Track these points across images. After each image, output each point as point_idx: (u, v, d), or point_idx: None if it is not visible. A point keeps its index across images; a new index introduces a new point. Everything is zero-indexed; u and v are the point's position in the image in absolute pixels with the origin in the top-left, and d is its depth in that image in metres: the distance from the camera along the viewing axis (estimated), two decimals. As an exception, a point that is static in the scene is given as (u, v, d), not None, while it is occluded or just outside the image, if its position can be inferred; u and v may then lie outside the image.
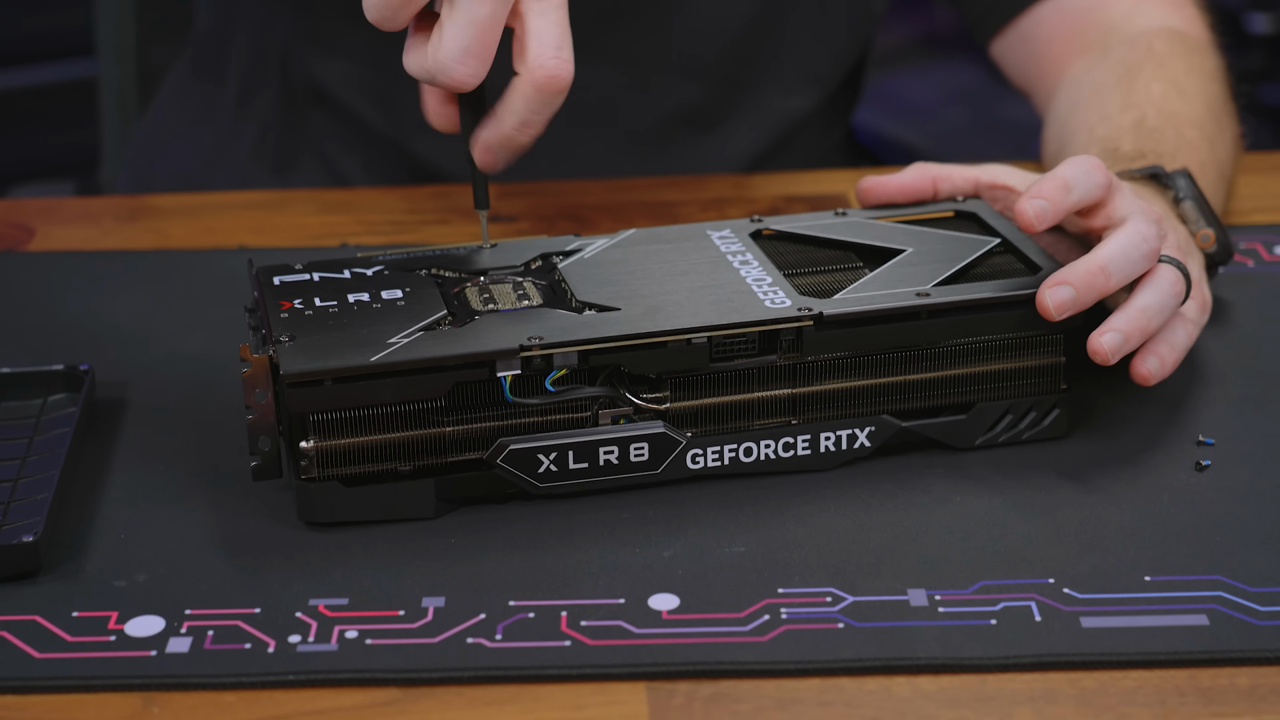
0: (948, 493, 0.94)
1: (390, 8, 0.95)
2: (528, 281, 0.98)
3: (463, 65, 0.95)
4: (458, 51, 0.95)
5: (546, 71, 0.97)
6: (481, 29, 0.95)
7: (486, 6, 0.94)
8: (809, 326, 0.93)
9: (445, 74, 0.95)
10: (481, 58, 0.95)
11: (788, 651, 0.82)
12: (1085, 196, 0.96)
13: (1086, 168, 0.96)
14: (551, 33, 0.97)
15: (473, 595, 0.86)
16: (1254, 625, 0.83)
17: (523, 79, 0.97)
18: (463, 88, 0.96)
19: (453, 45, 0.95)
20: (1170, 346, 0.96)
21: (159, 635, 0.84)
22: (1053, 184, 0.95)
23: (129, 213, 1.31)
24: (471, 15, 0.94)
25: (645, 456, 0.93)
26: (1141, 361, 0.95)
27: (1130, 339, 0.93)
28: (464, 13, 0.94)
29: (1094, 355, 0.93)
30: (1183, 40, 1.27)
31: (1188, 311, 0.99)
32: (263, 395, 0.90)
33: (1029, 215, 0.95)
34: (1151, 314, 0.94)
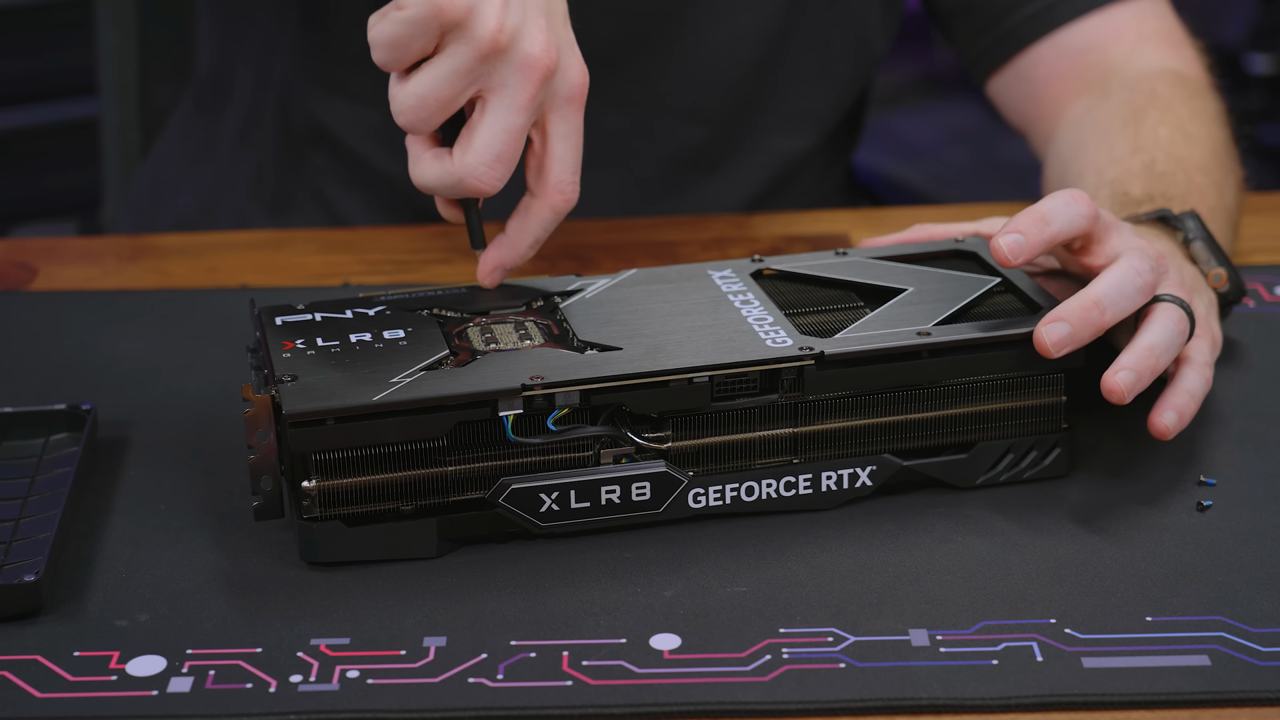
0: (949, 532, 0.94)
1: (428, 110, 0.96)
2: (529, 321, 0.98)
3: (491, 171, 0.97)
4: (489, 157, 0.96)
5: (564, 196, 1.00)
6: (513, 137, 0.96)
7: (522, 116, 0.96)
8: (810, 366, 0.93)
9: (475, 178, 0.97)
10: (508, 164, 0.97)
11: (789, 691, 0.82)
12: (1066, 228, 0.96)
13: (1067, 200, 0.96)
14: (570, 157, 1.00)
15: (474, 635, 0.86)
16: (1256, 666, 0.83)
17: (540, 201, 1.00)
18: (486, 194, 0.97)
19: (485, 151, 0.96)
20: (1189, 396, 0.96)
21: (160, 675, 0.84)
22: (1029, 218, 0.96)
23: (131, 252, 1.31)
24: (507, 124, 0.96)
25: (647, 496, 0.93)
26: (1159, 416, 0.95)
27: (1142, 376, 0.93)
28: (499, 120, 0.96)
29: (1109, 395, 0.93)
30: (1185, 83, 1.28)
31: (1199, 354, 0.99)
32: (265, 435, 0.90)
33: (1003, 250, 0.95)
34: (1159, 352, 0.94)
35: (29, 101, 2.47)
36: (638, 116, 1.37)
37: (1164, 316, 0.95)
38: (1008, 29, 1.35)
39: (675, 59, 1.36)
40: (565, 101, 0.99)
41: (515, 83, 0.96)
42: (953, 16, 1.39)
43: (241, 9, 1.43)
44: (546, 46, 0.97)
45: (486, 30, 0.94)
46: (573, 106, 0.99)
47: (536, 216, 1.00)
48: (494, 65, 0.96)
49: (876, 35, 1.41)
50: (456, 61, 0.95)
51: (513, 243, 1.01)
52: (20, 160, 2.47)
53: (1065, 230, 0.96)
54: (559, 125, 0.99)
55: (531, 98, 0.96)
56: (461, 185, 0.97)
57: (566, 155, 1.00)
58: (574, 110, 1.00)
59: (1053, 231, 0.96)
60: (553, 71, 0.97)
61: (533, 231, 1.01)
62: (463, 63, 0.95)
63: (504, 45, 0.95)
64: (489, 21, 0.94)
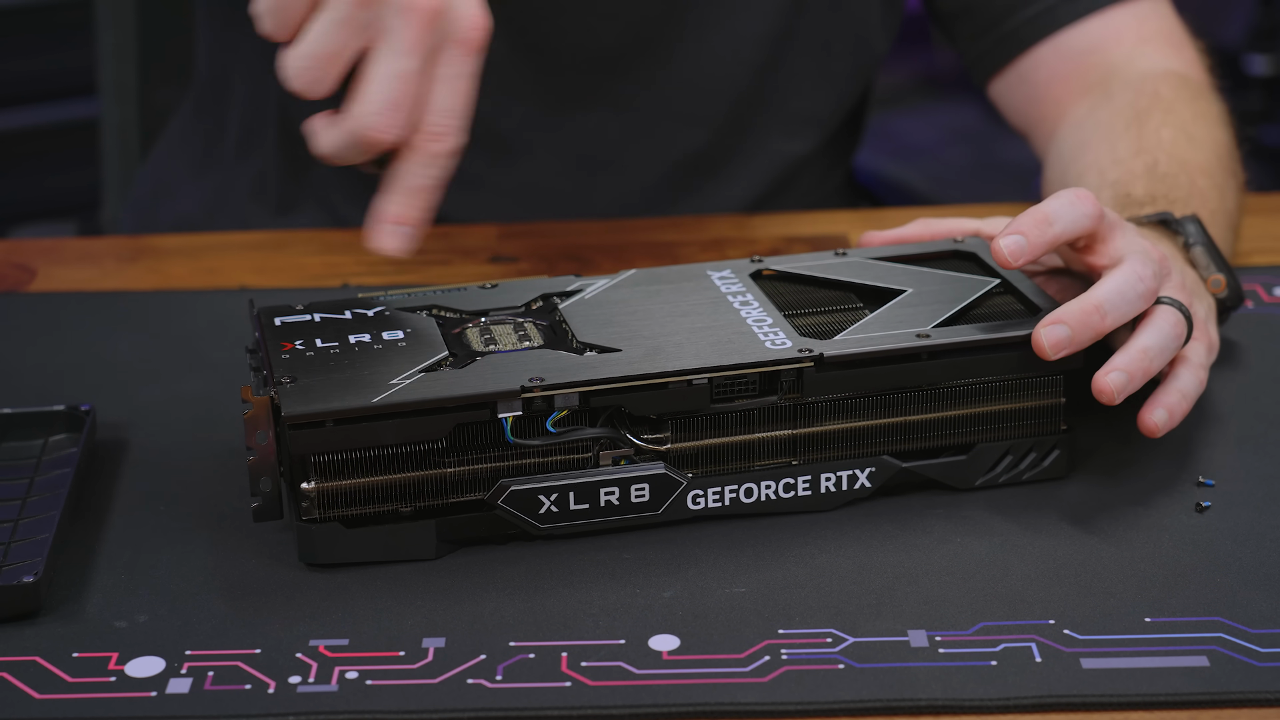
0: (948, 533, 0.94)
1: (319, 67, 0.93)
2: (528, 322, 0.98)
3: (386, 119, 0.93)
4: (381, 103, 0.93)
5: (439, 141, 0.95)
6: (405, 82, 0.93)
7: (411, 60, 0.93)
8: (809, 368, 0.93)
9: (368, 129, 0.93)
10: (405, 112, 0.93)
11: (788, 692, 0.82)
12: (1070, 229, 0.96)
13: (1072, 200, 0.96)
14: (456, 103, 0.95)
15: (473, 636, 0.86)
16: (1254, 667, 0.83)
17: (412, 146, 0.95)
18: (383, 145, 0.94)
19: (376, 98, 0.93)
20: (1181, 396, 0.96)
21: (159, 676, 0.84)
22: (1032, 219, 0.96)
23: (130, 253, 1.31)
24: (396, 69, 0.93)
25: (646, 497, 0.93)
26: (1149, 414, 0.95)
27: (1134, 378, 0.93)
28: (388, 67, 0.92)
29: (1099, 395, 0.93)
30: (1188, 85, 1.28)
31: (1195, 356, 0.99)
32: (264, 436, 0.90)
33: (1003, 251, 0.95)
34: (1153, 355, 0.94)
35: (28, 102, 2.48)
36: (638, 120, 1.37)
37: (1161, 319, 0.95)
38: (1008, 31, 1.35)
39: (675, 63, 1.36)
40: (455, 44, 0.94)
41: (399, 25, 0.92)
42: (953, 18, 1.39)
43: (236, 19, 1.43)
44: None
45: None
46: (462, 50, 0.94)
47: (410, 162, 0.95)
48: (375, 11, 0.92)
49: (877, 36, 1.41)
50: (336, 12, 0.92)
51: (389, 191, 0.95)
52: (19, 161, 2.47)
53: (1068, 231, 0.96)
54: (444, 68, 0.94)
55: (418, 40, 0.92)
56: (359, 139, 0.93)
57: (445, 98, 0.94)
58: (462, 54, 0.95)
59: (1055, 233, 0.95)
60: (440, 12, 0.93)
61: (408, 178, 0.95)
62: (341, 12, 0.92)
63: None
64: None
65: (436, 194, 0.96)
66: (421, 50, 0.93)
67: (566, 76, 1.35)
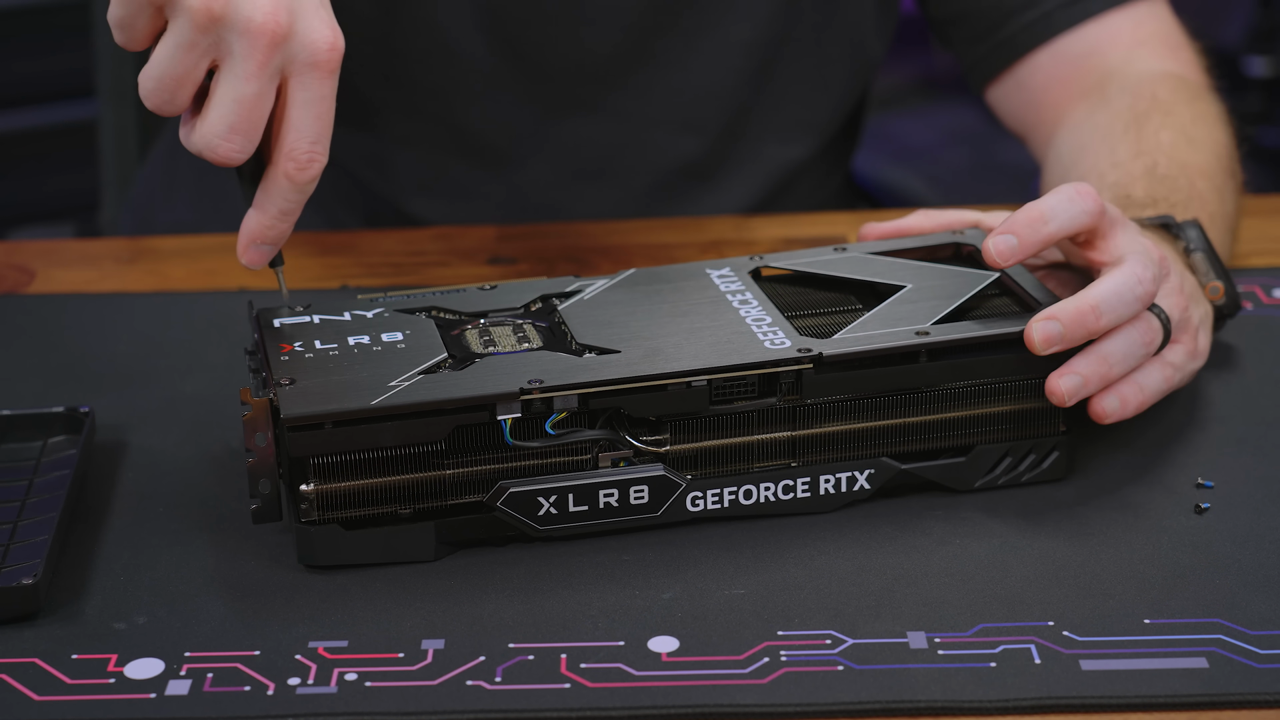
0: (947, 535, 0.94)
1: (167, 90, 0.93)
2: (527, 324, 0.98)
3: (228, 142, 0.92)
4: (223, 129, 0.92)
5: (298, 164, 0.94)
6: (246, 107, 0.92)
7: (252, 85, 0.92)
8: (809, 369, 0.93)
9: (211, 150, 0.93)
10: (247, 134, 0.93)
11: (787, 694, 0.82)
12: (1066, 226, 0.96)
13: (1071, 195, 0.96)
14: (310, 124, 0.94)
15: (472, 637, 0.86)
16: (1254, 668, 0.83)
17: (275, 169, 0.94)
18: (230, 164, 0.93)
19: (218, 123, 0.92)
20: (1138, 388, 0.96)
21: (158, 678, 0.84)
22: (1026, 216, 0.96)
23: (129, 255, 1.31)
24: (236, 94, 0.92)
25: (645, 499, 0.93)
26: (1100, 399, 0.95)
27: (1089, 383, 0.94)
28: (229, 91, 0.92)
29: (1050, 396, 0.94)
30: (1186, 87, 1.28)
31: (1171, 356, 0.99)
32: (263, 438, 0.90)
33: (992, 251, 0.95)
34: (1113, 361, 0.94)
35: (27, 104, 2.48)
36: (631, 128, 1.37)
37: (1131, 327, 0.95)
38: (1005, 38, 1.35)
39: (667, 71, 1.36)
40: (307, 67, 0.93)
41: (240, 50, 0.91)
42: (949, 24, 1.38)
43: None
44: (272, 10, 0.91)
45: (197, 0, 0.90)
46: (316, 73, 0.93)
47: (273, 186, 0.94)
48: (218, 34, 0.91)
49: (872, 41, 1.41)
50: (177, 36, 0.91)
51: (258, 209, 0.95)
52: (18, 163, 2.47)
53: (1064, 229, 0.96)
54: (299, 92, 0.93)
55: (260, 66, 0.91)
56: (204, 156, 0.93)
57: (305, 122, 0.93)
58: (317, 77, 0.93)
59: (1050, 231, 0.95)
60: (283, 36, 0.91)
61: (273, 202, 0.94)
62: (183, 36, 0.91)
63: (218, 13, 0.90)
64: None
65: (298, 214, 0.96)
66: (263, 75, 0.92)
67: (558, 86, 1.35)
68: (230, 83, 0.92)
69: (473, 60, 1.33)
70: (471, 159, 1.38)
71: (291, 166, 0.93)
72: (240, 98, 0.92)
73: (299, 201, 0.95)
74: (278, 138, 0.94)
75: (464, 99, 1.35)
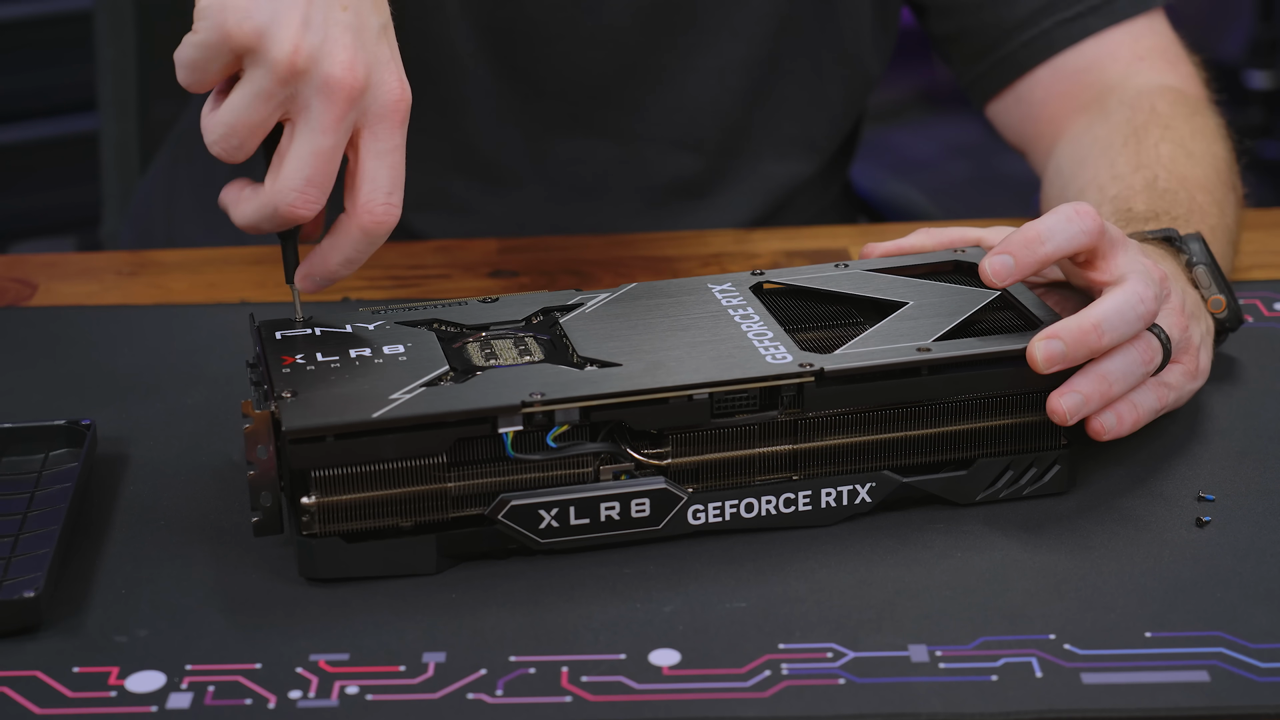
0: (949, 548, 0.94)
1: (237, 137, 0.93)
2: (529, 336, 0.98)
3: (303, 195, 0.93)
4: (299, 182, 0.93)
5: (374, 218, 0.95)
6: (323, 160, 0.93)
7: (330, 138, 0.93)
8: (810, 383, 0.93)
9: (286, 204, 0.93)
10: (322, 188, 0.94)
11: (789, 707, 0.82)
12: (1064, 246, 0.96)
13: (1069, 215, 0.96)
14: (385, 176, 0.95)
15: (474, 651, 0.86)
16: (1255, 682, 0.83)
17: (351, 220, 0.95)
18: (301, 219, 0.95)
19: (294, 176, 0.93)
20: (1132, 406, 0.96)
21: (160, 691, 0.84)
22: (1022, 237, 0.96)
23: (131, 268, 1.31)
24: (314, 147, 0.93)
25: (646, 512, 0.93)
26: (1097, 416, 0.95)
27: (1090, 401, 0.94)
28: (307, 145, 0.93)
29: (1052, 415, 0.94)
30: (1185, 100, 1.28)
31: (1169, 377, 0.99)
32: (265, 451, 0.90)
33: (988, 272, 0.95)
34: (1113, 380, 0.94)
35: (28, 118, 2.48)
36: (629, 148, 1.37)
37: (1131, 346, 0.95)
38: (1005, 55, 1.35)
39: (664, 90, 1.36)
40: (379, 119, 0.95)
41: (319, 105, 0.93)
42: (949, 42, 1.39)
43: None
44: (350, 65, 0.93)
45: (282, 53, 0.91)
46: (387, 124, 0.95)
47: (346, 236, 0.96)
48: (296, 87, 0.93)
49: (870, 59, 1.41)
50: (255, 86, 0.92)
51: (322, 259, 0.97)
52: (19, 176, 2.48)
53: (1062, 249, 0.96)
54: (372, 144, 0.95)
55: (338, 119, 0.93)
56: (277, 213, 0.94)
57: (379, 174, 0.95)
58: (389, 128, 0.95)
59: (1047, 251, 0.95)
60: (360, 90, 0.93)
61: (342, 250, 0.96)
62: (261, 87, 0.92)
63: (302, 68, 0.92)
64: (284, 44, 0.92)
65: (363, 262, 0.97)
66: (341, 128, 0.93)
67: (555, 105, 1.35)
68: (306, 136, 0.93)
69: (472, 79, 1.33)
70: (471, 177, 1.38)
71: (369, 219, 0.95)
72: (318, 150, 0.93)
73: (369, 252, 0.96)
74: (352, 190, 0.95)
75: (463, 117, 1.35)
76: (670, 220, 1.40)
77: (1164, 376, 0.98)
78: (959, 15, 1.36)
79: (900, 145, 3.68)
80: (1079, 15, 1.32)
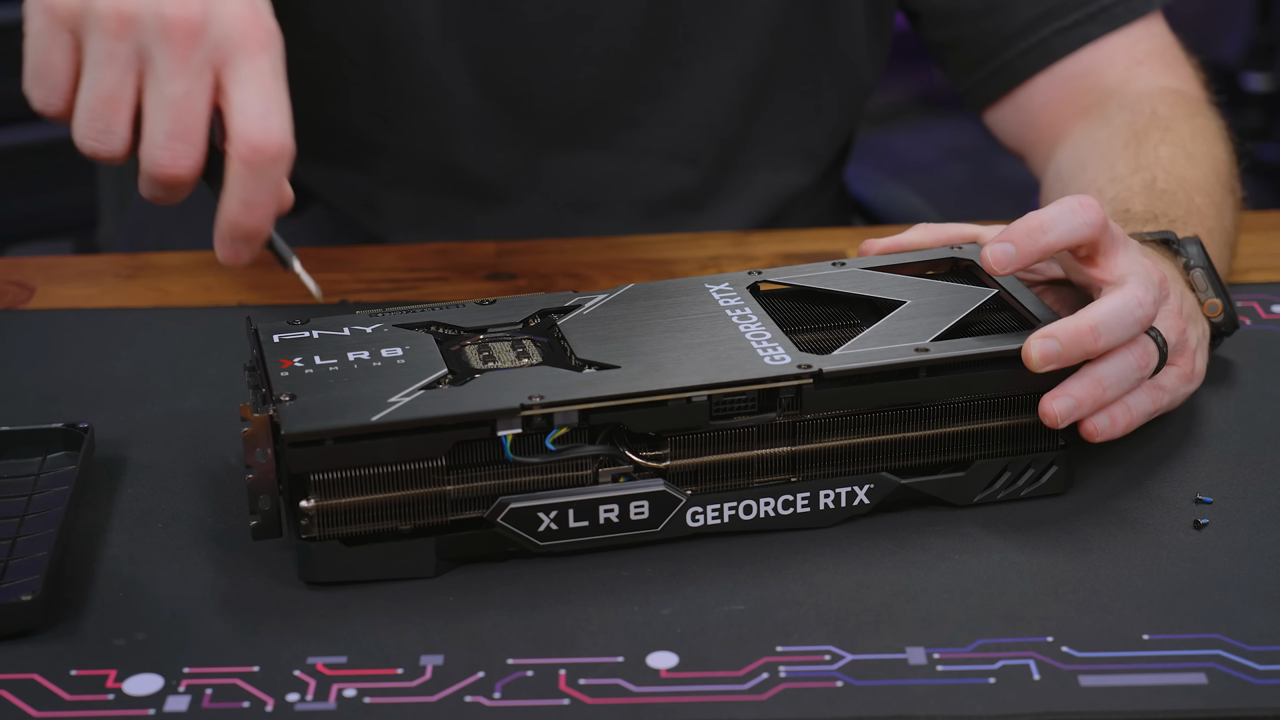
0: (946, 551, 0.94)
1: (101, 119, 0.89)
2: (527, 339, 0.98)
3: (169, 151, 0.88)
4: (160, 138, 0.88)
5: (250, 144, 0.88)
6: (177, 108, 0.88)
7: (179, 84, 0.87)
8: (809, 385, 0.93)
9: (155, 165, 0.88)
10: (186, 139, 0.88)
11: (786, 710, 0.82)
12: (1065, 237, 0.95)
13: (1072, 207, 0.95)
14: (255, 102, 0.88)
15: (471, 653, 0.86)
16: (1253, 684, 0.83)
17: (231, 160, 0.89)
18: (182, 178, 0.89)
19: (154, 133, 0.88)
20: (1125, 408, 0.96)
21: (158, 694, 0.84)
22: (1025, 226, 0.95)
23: (129, 270, 1.31)
24: (166, 95, 0.87)
25: (645, 515, 0.93)
26: (1090, 418, 0.95)
27: (1083, 405, 0.94)
28: (156, 96, 0.88)
29: (1044, 417, 0.94)
30: (1185, 102, 1.28)
31: (1163, 379, 0.99)
32: (263, 454, 0.90)
33: (989, 259, 0.95)
34: (1108, 384, 0.94)
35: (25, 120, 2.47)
36: (624, 161, 1.37)
37: (1129, 351, 0.95)
38: (1003, 63, 1.35)
39: (658, 102, 1.36)
40: (235, 50, 0.88)
41: (160, 51, 0.87)
42: (945, 49, 1.39)
43: None
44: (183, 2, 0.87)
45: (105, 6, 0.86)
46: (244, 53, 0.88)
47: (233, 175, 0.89)
48: (134, 41, 0.87)
49: (865, 66, 1.41)
50: (94, 53, 0.88)
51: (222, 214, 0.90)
52: (16, 179, 2.47)
53: (1064, 240, 0.95)
54: (232, 74, 0.88)
55: (182, 61, 0.87)
56: (152, 179, 0.89)
57: (247, 101, 0.88)
58: (247, 56, 0.88)
59: (1048, 241, 0.95)
60: (199, 25, 0.87)
61: (234, 195, 0.89)
62: (100, 50, 0.87)
63: (130, 13, 0.87)
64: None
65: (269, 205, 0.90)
66: (189, 70, 0.88)
67: (548, 121, 1.35)
68: (156, 88, 0.88)
69: (463, 98, 1.33)
70: (463, 195, 1.38)
71: (244, 149, 0.88)
72: (170, 100, 0.88)
73: (261, 189, 0.89)
74: (225, 125, 0.89)
75: (455, 136, 1.35)
76: (666, 233, 1.40)
77: (1159, 379, 0.98)
78: (956, 24, 1.36)
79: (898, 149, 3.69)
80: (1077, 23, 1.32)
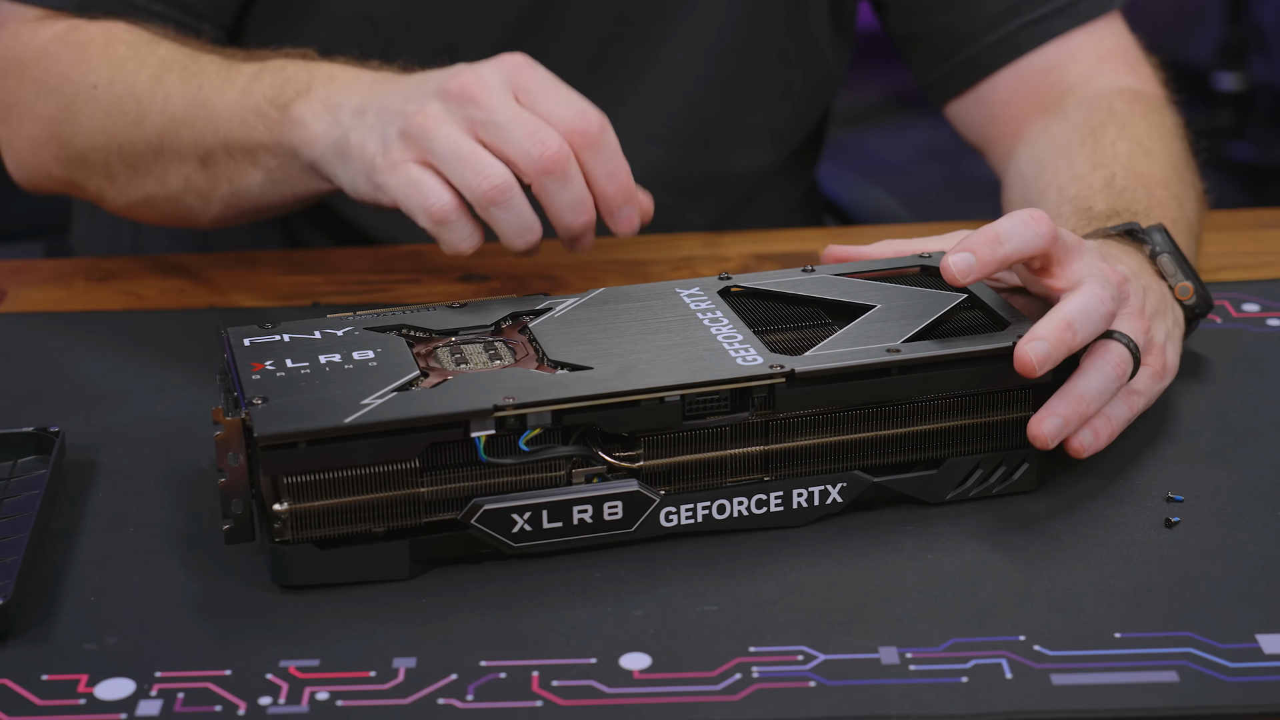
0: (919, 550, 0.94)
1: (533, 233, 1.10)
2: (499, 341, 0.98)
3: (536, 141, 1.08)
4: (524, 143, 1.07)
5: (578, 131, 1.10)
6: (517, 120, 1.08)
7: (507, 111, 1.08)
8: (781, 384, 0.93)
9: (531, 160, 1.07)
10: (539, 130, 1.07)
11: (759, 710, 0.82)
12: (1021, 248, 0.96)
13: (1025, 220, 0.97)
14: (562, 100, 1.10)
15: (444, 656, 0.86)
16: (1223, 682, 0.84)
17: (574, 150, 1.09)
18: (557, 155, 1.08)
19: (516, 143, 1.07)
20: (1106, 420, 0.97)
21: (129, 698, 0.84)
22: (982, 237, 0.96)
23: (100, 274, 1.31)
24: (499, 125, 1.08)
25: (619, 515, 0.93)
26: (1076, 436, 0.96)
27: (1069, 423, 0.95)
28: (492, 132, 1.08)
29: (1034, 440, 0.95)
30: (1142, 99, 1.29)
31: (1136, 383, 1.00)
32: (235, 458, 0.90)
33: (951, 269, 0.96)
34: (1091, 399, 0.95)
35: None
36: None
37: (1103, 361, 0.96)
38: (969, 57, 1.35)
39: (631, 81, 1.36)
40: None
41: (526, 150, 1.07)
42: (910, 43, 1.39)
43: None
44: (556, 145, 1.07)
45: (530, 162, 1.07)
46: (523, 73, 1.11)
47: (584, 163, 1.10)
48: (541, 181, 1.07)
49: (830, 57, 1.41)
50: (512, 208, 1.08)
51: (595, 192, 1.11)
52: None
53: (1020, 250, 0.96)
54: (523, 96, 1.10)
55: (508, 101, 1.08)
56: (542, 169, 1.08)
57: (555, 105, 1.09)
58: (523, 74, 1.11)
59: (1005, 252, 0.96)
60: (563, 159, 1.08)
61: (594, 176, 1.11)
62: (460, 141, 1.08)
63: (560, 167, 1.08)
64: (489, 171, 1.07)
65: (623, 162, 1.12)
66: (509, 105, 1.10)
67: None
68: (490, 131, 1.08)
69: None
70: None
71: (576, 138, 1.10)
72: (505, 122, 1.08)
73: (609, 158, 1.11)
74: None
75: None
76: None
77: (1132, 383, 0.99)
78: (923, 17, 1.37)
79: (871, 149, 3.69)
80: (1044, 17, 1.33)
